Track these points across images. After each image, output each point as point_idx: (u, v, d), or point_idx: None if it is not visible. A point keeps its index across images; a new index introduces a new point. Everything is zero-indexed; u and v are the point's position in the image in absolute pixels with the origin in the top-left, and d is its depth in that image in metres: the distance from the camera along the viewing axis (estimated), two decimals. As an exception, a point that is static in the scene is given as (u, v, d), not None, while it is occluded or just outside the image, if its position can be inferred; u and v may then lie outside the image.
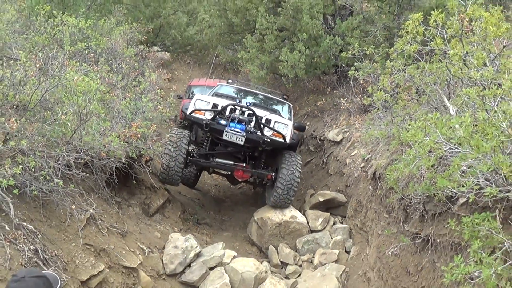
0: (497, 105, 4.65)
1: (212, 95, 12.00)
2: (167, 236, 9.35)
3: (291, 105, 13.24)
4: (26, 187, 6.11)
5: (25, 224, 5.95)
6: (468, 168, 4.66)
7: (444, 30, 6.84)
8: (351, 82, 13.73)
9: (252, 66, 16.16)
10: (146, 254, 8.43)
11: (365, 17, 14.54)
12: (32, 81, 6.58)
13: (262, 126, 10.35)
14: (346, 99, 14.10)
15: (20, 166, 5.73)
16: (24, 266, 5.53)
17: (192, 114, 10.51)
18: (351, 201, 10.97)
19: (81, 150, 7.13)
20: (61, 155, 6.63)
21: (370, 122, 9.75)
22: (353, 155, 12.00)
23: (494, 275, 4.00)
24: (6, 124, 5.94)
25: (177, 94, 18.38)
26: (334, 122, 14.66)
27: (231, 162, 11.22)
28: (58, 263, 6.06)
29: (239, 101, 11.15)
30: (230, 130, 10.06)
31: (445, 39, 6.83)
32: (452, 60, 6.46)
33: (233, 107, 10.45)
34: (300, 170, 10.66)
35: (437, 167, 5.86)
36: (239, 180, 12.24)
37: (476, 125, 4.63)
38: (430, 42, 6.92)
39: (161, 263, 8.69)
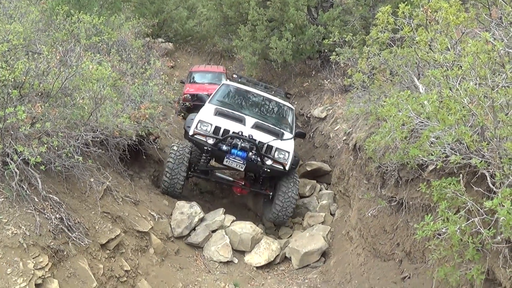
0: (459, 83, 4.69)
1: (215, 114, 9.85)
2: (174, 204, 9.35)
3: (294, 108, 11.77)
4: (51, 163, 6.11)
5: (51, 196, 5.97)
6: (436, 139, 4.71)
7: (411, 20, 6.87)
8: (333, 66, 13.83)
9: (245, 53, 16.22)
10: (156, 220, 8.47)
11: (344, 9, 14.53)
12: (53, 71, 6.57)
13: (262, 156, 9.38)
14: (329, 80, 14.10)
15: (46, 146, 5.72)
16: (52, 232, 5.59)
17: (194, 136, 9.47)
18: (335, 170, 11.02)
19: (97, 130, 7.15)
20: (80, 135, 6.64)
21: (350, 100, 9.74)
22: (336, 129, 12.02)
23: (458, 230, 4.06)
24: (32, 109, 5.95)
25: (180, 79, 18.42)
26: (318, 101, 14.68)
27: (231, 179, 10.44)
28: (80, 229, 6.09)
29: (243, 123, 9.77)
30: (231, 158, 9.21)
31: (412, 28, 6.86)
32: (419, 46, 6.49)
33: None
34: (297, 189, 9.93)
35: (409, 139, 5.89)
36: (237, 194, 11.34)
37: (441, 101, 4.66)
38: (400, 31, 6.94)
39: (170, 228, 8.74)
